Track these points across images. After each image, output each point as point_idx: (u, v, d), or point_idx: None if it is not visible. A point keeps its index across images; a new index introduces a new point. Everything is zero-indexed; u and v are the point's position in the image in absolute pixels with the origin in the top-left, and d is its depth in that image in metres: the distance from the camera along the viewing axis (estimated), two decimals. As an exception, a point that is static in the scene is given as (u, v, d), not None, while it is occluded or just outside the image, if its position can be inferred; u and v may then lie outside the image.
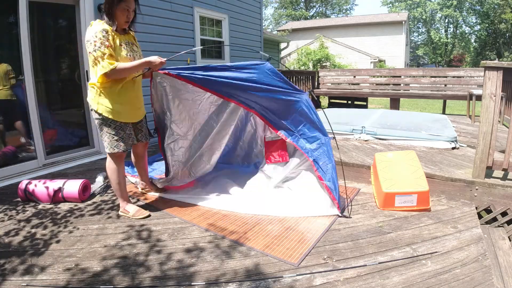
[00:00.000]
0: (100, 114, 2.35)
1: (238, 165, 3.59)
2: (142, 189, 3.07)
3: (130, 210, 2.59)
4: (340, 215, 2.50)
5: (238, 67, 2.44)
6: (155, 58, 2.32)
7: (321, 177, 2.53)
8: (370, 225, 2.40)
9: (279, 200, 2.74)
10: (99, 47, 2.17)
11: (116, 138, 2.42)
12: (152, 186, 3.04)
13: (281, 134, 2.65)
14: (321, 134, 2.58)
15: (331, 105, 8.86)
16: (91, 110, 2.40)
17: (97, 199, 2.96)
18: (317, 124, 2.57)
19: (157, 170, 3.58)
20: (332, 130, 2.78)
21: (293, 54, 19.62)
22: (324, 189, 2.55)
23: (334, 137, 2.65)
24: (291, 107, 2.55)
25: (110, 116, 2.35)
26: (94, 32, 2.19)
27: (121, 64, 2.22)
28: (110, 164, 2.54)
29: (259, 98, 2.54)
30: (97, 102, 2.32)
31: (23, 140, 3.74)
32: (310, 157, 2.57)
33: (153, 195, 3.01)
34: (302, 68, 16.63)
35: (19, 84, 3.57)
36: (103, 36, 2.19)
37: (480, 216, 2.67)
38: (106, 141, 2.44)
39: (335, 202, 2.50)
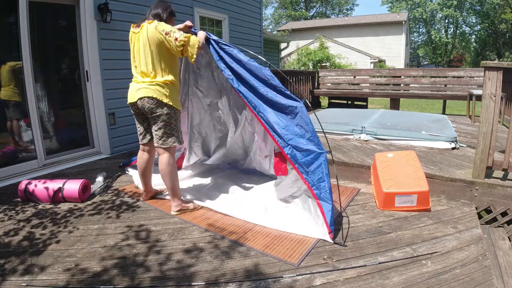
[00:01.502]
0: (173, 108, 2.48)
1: (241, 168, 3.57)
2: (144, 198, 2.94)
3: (190, 205, 2.70)
4: (332, 242, 2.16)
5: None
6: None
7: (315, 195, 2.25)
8: (370, 225, 2.40)
9: (277, 214, 2.55)
10: (181, 33, 2.35)
11: (180, 130, 2.56)
12: (152, 190, 2.96)
13: (276, 140, 2.35)
14: (316, 147, 2.29)
15: (331, 105, 8.86)
16: (157, 106, 2.42)
17: (97, 199, 2.96)
18: (312, 136, 2.30)
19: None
20: (323, 132, 2.55)
21: (293, 54, 19.64)
22: (318, 210, 2.28)
23: (330, 151, 2.34)
24: (287, 113, 2.35)
25: (179, 108, 2.55)
26: (169, 26, 2.40)
27: (200, 40, 2.43)
28: (171, 160, 2.53)
29: (259, 94, 2.40)
30: (171, 96, 2.45)
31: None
32: (302, 172, 2.28)
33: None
34: (303, 68, 16.65)
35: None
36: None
37: (480, 216, 2.67)
38: (174, 134, 2.52)
39: (327, 227, 2.19)
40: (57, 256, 2.02)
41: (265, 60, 2.68)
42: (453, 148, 3.75)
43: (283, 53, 19.36)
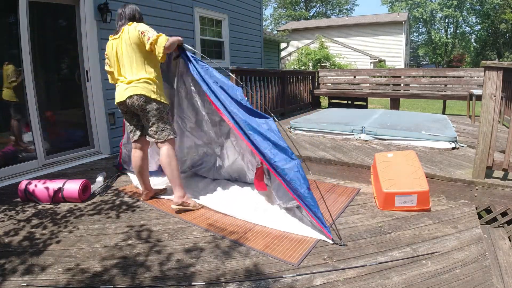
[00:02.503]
0: (162, 103, 2.58)
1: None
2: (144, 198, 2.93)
3: (191, 202, 2.69)
4: (332, 242, 2.16)
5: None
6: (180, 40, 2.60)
7: (301, 204, 2.25)
8: (370, 225, 2.40)
9: (277, 214, 2.55)
10: (154, 33, 2.46)
11: (171, 123, 2.66)
12: (152, 189, 2.96)
13: (258, 153, 2.37)
14: (290, 158, 2.30)
15: (331, 105, 8.86)
16: (146, 103, 2.53)
17: (97, 199, 2.96)
18: (285, 148, 2.32)
19: None
20: (296, 149, 2.57)
21: (293, 54, 19.64)
22: (306, 213, 2.31)
23: (303, 161, 2.45)
24: (259, 129, 2.38)
25: (167, 102, 2.65)
26: (146, 26, 2.53)
27: (169, 41, 2.46)
28: (170, 151, 2.61)
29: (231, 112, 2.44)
30: (158, 92, 2.56)
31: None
32: (283, 176, 2.27)
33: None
34: (303, 68, 16.64)
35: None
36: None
37: (480, 216, 2.67)
38: (168, 128, 2.62)
39: (320, 227, 2.21)
40: (57, 256, 2.02)
41: (237, 79, 2.74)
42: (453, 148, 3.76)
43: (283, 53, 19.36)
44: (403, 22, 23.16)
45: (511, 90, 4.91)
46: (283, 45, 14.72)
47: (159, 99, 2.56)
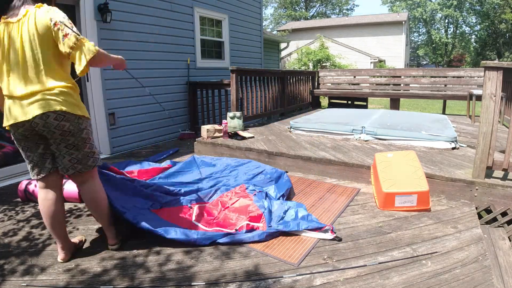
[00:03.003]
0: (88, 118, 1.91)
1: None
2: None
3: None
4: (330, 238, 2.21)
5: None
6: (123, 60, 2.04)
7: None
8: (370, 225, 2.40)
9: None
10: (75, 32, 1.74)
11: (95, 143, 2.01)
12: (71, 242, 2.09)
13: None
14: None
15: (331, 105, 8.86)
16: (68, 122, 1.77)
17: (97, 199, 2.96)
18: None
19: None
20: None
21: (294, 54, 19.67)
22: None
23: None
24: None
25: (89, 116, 1.95)
26: (63, 14, 1.78)
27: (102, 50, 1.81)
28: (97, 185, 2.01)
29: None
30: (79, 105, 1.85)
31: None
32: None
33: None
34: (303, 68, 16.65)
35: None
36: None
37: (480, 216, 2.67)
38: (95, 151, 1.96)
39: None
40: (57, 256, 2.02)
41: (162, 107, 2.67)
42: (453, 148, 3.75)
43: (283, 53, 19.38)
44: (403, 22, 23.18)
45: (511, 90, 4.90)
46: (283, 45, 14.72)
47: (82, 114, 1.83)
